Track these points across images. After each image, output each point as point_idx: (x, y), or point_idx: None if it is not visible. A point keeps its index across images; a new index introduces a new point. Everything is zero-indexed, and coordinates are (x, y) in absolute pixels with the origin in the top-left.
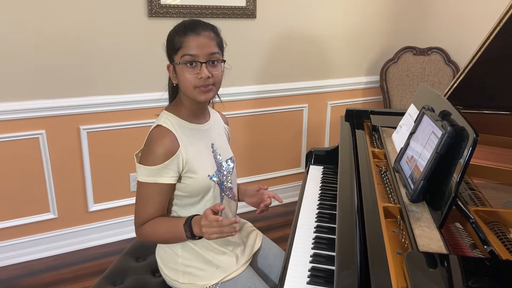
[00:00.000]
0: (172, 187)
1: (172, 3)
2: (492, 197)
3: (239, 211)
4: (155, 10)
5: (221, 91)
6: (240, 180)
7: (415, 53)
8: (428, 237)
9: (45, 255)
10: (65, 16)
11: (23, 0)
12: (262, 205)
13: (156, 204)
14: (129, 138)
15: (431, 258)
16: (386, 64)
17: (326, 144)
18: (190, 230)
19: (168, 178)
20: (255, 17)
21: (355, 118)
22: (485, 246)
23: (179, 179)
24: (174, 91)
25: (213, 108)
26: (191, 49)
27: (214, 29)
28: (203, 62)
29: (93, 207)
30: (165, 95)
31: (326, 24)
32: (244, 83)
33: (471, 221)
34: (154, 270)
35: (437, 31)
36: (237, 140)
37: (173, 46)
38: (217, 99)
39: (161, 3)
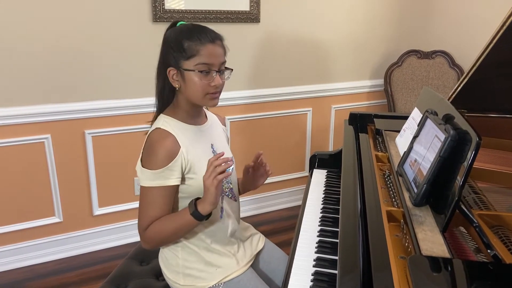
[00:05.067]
0: (177, 188)
1: (177, 8)
2: (497, 201)
3: (243, 214)
4: (160, 15)
5: (225, 95)
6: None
7: (419, 56)
8: (431, 241)
9: (49, 259)
10: (70, 21)
11: (28, 6)
12: (263, 172)
13: (162, 207)
14: (134, 142)
15: (434, 262)
16: (390, 68)
17: (330, 147)
18: (195, 207)
19: (173, 179)
20: (259, 22)
21: (359, 122)
22: (488, 250)
23: (182, 180)
24: (168, 95)
25: (208, 110)
26: (208, 58)
27: (222, 38)
28: (217, 71)
29: (98, 211)
30: None
31: (330, 28)
32: (248, 87)
33: (474, 225)
34: (158, 274)
35: (441, 34)
36: (240, 143)
37: (183, 52)
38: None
39: (166, 8)
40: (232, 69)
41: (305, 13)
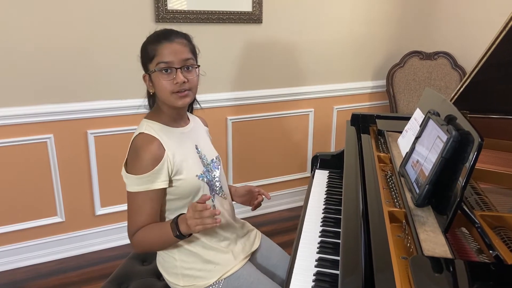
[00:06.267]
0: (164, 191)
1: (179, 8)
2: (499, 202)
3: (242, 215)
4: (162, 16)
5: (227, 95)
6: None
7: (421, 57)
8: (433, 241)
9: (51, 258)
10: (73, 21)
11: (32, 6)
12: (256, 202)
13: (149, 211)
14: None
15: (436, 263)
16: (393, 69)
17: (332, 148)
18: (177, 229)
19: (159, 183)
20: (261, 22)
21: (361, 123)
22: (490, 251)
23: (169, 182)
24: (152, 99)
25: (192, 113)
26: (166, 56)
27: (186, 37)
28: (178, 68)
29: (100, 210)
30: None
31: (332, 28)
32: (250, 88)
33: (476, 225)
34: (159, 274)
35: (444, 35)
36: (242, 144)
37: (147, 55)
38: (197, 105)
39: (168, 8)
40: (198, 65)
41: (308, 14)
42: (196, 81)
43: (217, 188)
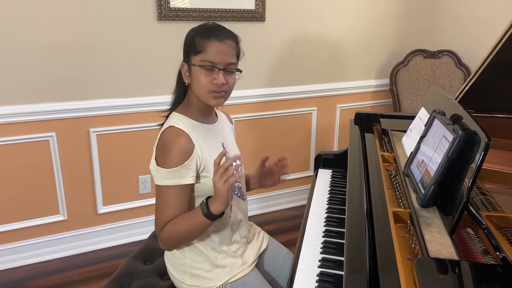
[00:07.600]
0: (192, 187)
1: (182, 6)
2: (505, 203)
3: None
4: (165, 14)
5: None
6: None
7: (425, 56)
8: (439, 242)
9: (54, 257)
10: (75, 20)
11: (34, 3)
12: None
13: (178, 206)
14: (138, 141)
15: (442, 265)
16: (396, 67)
17: (335, 147)
18: (207, 208)
19: (189, 178)
20: (264, 20)
21: (365, 122)
22: (497, 253)
23: (196, 178)
24: (182, 90)
25: (217, 109)
26: (212, 55)
27: (236, 39)
28: (221, 69)
29: (102, 209)
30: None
31: (335, 27)
32: (253, 86)
33: (483, 226)
34: (162, 273)
35: (448, 34)
36: (245, 143)
37: (193, 47)
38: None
39: (171, 6)
40: (241, 71)
41: (311, 13)
42: (233, 84)
43: (236, 188)
